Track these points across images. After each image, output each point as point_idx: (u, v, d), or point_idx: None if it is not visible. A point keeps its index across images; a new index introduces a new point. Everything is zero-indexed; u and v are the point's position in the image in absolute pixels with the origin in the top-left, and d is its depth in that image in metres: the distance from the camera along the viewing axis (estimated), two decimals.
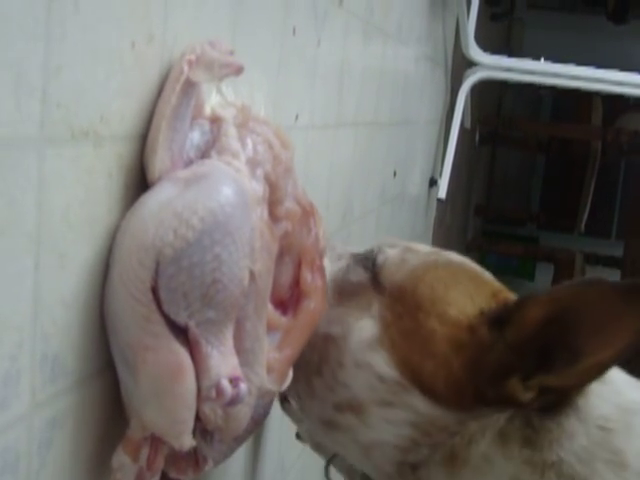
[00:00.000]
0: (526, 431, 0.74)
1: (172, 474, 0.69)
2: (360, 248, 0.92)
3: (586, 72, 2.81)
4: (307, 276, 0.78)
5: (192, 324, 0.61)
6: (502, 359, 0.74)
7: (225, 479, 1.01)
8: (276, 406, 1.10)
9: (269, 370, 0.71)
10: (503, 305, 0.77)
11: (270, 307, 0.73)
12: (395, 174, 1.95)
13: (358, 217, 1.60)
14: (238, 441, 0.76)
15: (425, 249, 0.87)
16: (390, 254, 0.85)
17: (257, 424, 0.77)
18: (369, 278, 0.84)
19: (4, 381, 0.54)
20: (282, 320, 0.75)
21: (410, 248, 0.87)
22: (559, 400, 0.74)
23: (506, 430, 0.75)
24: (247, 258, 0.63)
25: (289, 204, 0.73)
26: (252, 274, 0.64)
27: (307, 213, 0.78)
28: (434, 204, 2.79)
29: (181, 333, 0.61)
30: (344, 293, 0.84)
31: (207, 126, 0.68)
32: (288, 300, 0.77)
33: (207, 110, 0.70)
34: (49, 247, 0.57)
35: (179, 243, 0.59)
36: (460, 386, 0.75)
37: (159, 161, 0.63)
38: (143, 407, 0.62)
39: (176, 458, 0.68)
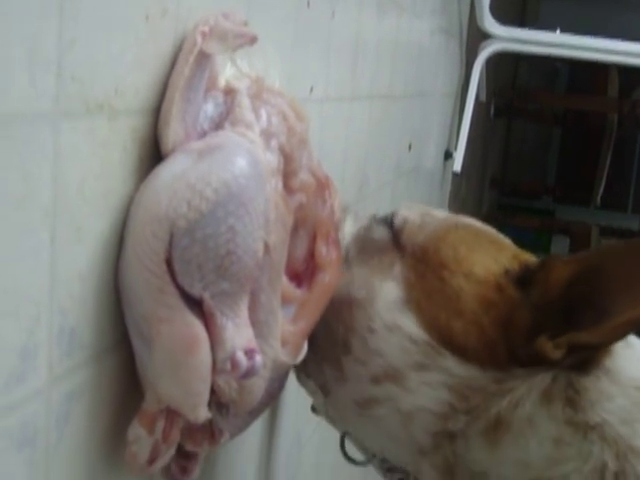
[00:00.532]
0: (569, 391, 0.74)
1: (188, 447, 0.68)
2: (376, 214, 0.92)
3: (602, 44, 2.79)
4: (322, 249, 0.78)
5: (207, 296, 0.60)
6: (530, 318, 0.74)
7: (241, 453, 1.01)
8: (292, 380, 1.11)
9: (283, 343, 0.71)
10: (526, 266, 0.78)
11: (285, 280, 0.73)
12: (410, 147, 1.94)
13: (373, 190, 1.59)
14: (253, 415, 0.76)
15: (443, 214, 0.88)
16: (409, 216, 0.86)
17: (272, 398, 0.77)
18: (390, 238, 0.84)
19: (22, 355, 0.55)
20: (297, 293, 0.75)
21: (428, 213, 0.87)
22: (588, 360, 0.74)
23: (551, 390, 0.74)
24: (261, 230, 0.63)
25: (304, 176, 0.73)
26: (267, 246, 0.64)
27: (322, 185, 0.77)
28: (449, 177, 2.78)
29: (196, 305, 0.61)
30: (366, 251, 0.84)
31: (221, 98, 0.68)
32: (303, 273, 0.77)
33: (221, 82, 0.69)
34: (65, 221, 0.57)
35: (193, 215, 0.58)
36: (492, 344, 0.75)
37: (172, 133, 0.63)
38: (158, 380, 0.62)
39: (192, 431, 0.68)
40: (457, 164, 2.64)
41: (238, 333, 0.62)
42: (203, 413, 0.62)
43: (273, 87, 0.73)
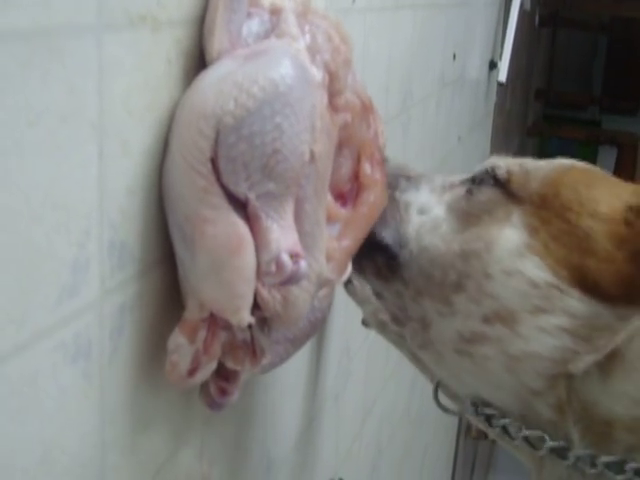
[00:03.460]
0: None
1: (229, 363, 0.68)
2: (462, 175, 0.92)
3: None
4: (367, 168, 0.77)
5: (252, 196, 0.60)
6: None
7: (291, 365, 1.02)
8: (340, 291, 1.11)
9: (328, 259, 0.70)
10: None
11: (330, 198, 0.73)
12: (455, 57, 1.91)
13: (418, 101, 1.58)
14: (295, 344, 0.75)
15: (539, 161, 0.87)
16: (510, 167, 0.86)
17: (314, 327, 0.77)
18: (500, 192, 0.84)
19: (73, 268, 0.55)
20: (341, 212, 0.75)
21: (523, 161, 0.87)
22: None
23: None
24: (307, 132, 0.62)
25: (349, 96, 0.72)
26: (312, 154, 0.63)
27: (367, 108, 0.77)
28: (494, 88, 2.74)
29: (240, 208, 0.60)
30: (473, 215, 0.84)
31: (266, 16, 0.67)
32: (347, 193, 0.77)
33: (266, 2, 0.68)
34: (112, 134, 0.57)
35: (240, 111, 0.58)
36: (629, 279, 0.74)
37: (217, 42, 0.62)
38: (201, 283, 0.62)
39: (233, 347, 0.67)
40: (502, 74, 2.60)
41: (283, 235, 0.61)
42: (246, 316, 0.62)
43: (318, 10, 0.72)
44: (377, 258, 0.87)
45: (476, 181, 0.87)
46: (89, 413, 0.59)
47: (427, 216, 0.87)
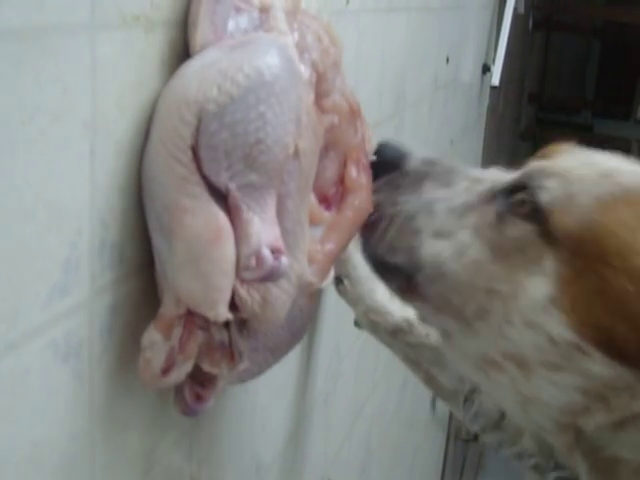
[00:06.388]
0: None
1: (205, 366, 0.66)
2: (481, 183, 0.82)
3: None
4: (352, 172, 0.76)
5: (233, 187, 0.58)
6: None
7: (280, 366, 1.02)
8: (331, 292, 1.11)
9: (310, 261, 0.69)
10: None
11: (314, 201, 0.72)
12: (448, 60, 1.92)
13: (411, 104, 1.58)
14: (274, 354, 0.74)
15: (587, 171, 0.75)
16: (552, 190, 0.74)
17: (295, 337, 0.76)
18: (536, 229, 0.74)
19: (65, 268, 0.55)
20: (325, 215, 0.74)
21: (568, 174, 0.75)
22: None
23: None
24: (292, 124, 0.60)
25: (336, 98, 0.71)
26: (297, 149, 0.62)
27: (354, 113, 0.75)
28: (487, 91, 2.74)
29: (221, 199, 0.59)
30: (503, 248, 0.75)
31: (256, 13, 0.66)
32: (332, 197, 0.76)
33: (256, 1, 0.68)
34: (104, 134, 0.57)
35: (223, 99, 0.57)
36: None
37: (200, 36, 0.61)
38: (178, 274, 0.60)
39: (210, 348, 0.65)
40: (495, 78, 2.61)
41: (264, 229, 0.59)
42: (223, 311, 0.60)
43: (309, 11, 0.71)
44: (395, 277, 0.83)
45: (510, 198, 0.77)
46: (79, 412, 0.59)
47: (448, 241, 0.79)
